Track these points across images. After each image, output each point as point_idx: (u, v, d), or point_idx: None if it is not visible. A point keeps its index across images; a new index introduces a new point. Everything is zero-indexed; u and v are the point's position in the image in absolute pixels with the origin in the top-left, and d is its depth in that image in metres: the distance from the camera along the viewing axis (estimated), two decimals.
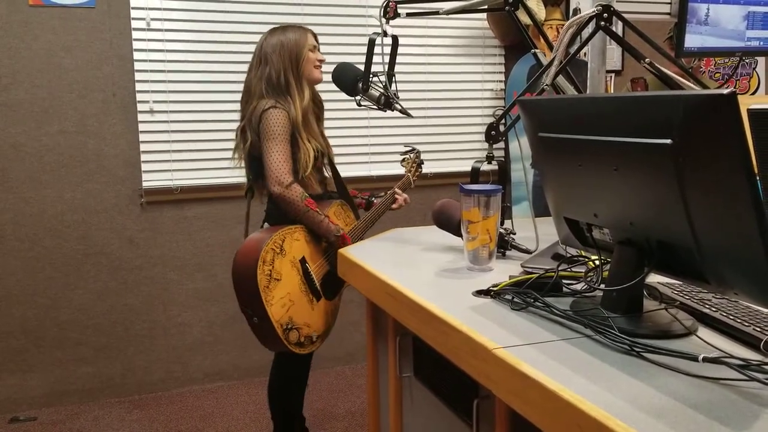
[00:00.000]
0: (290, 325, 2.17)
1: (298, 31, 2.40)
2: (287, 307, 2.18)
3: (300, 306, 2.23)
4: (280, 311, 2.16)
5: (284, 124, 2.28)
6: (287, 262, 2.21)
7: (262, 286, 2.11)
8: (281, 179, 2.23)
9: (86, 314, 3.30)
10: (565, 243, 1.31)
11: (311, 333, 2.26)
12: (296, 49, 2.35)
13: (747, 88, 4.30)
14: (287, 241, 2.23)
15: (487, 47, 3.87)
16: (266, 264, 2.13)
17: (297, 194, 2.24)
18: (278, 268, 2.17)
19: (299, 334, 2.21)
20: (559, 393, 0.86)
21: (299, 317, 2.22)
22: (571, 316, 1.10)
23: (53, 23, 3.11)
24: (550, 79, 1.63)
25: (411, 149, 2.76)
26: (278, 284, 2.16)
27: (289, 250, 2.22)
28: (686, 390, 0.85)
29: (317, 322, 2.30)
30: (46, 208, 3.19)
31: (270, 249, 2.16)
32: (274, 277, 2.15)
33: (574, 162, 1.12)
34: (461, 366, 1.12)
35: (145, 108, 3.28)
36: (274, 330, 2.14)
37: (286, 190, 2.23)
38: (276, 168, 2.24)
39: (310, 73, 2.40)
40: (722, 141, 0.83)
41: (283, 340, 2.16)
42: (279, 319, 2.15)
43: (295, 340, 2.19)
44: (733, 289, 0.93)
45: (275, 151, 2.25)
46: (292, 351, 2.21)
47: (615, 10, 1.59)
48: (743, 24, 1.78)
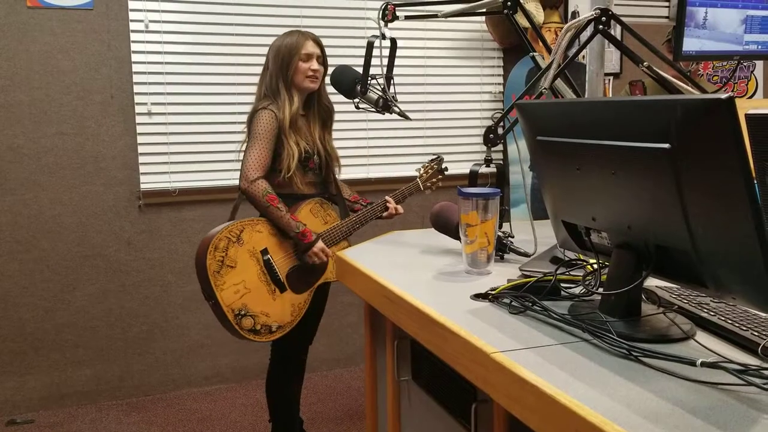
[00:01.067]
0: (243, 311, 2.28)
1: (296, 38, 2.41)
2: (241, 294, 2.29)
3: (257, 295, 2.32)
4: (232, 297, 2.27)
5: (269, 125, 2.35)
6: (244, 251, 2.31)
7: (211, 271, 2.24)
8: (248, 175, 2.33)
9: (84, 316, 3.29)
10: (564, 246, 1.31)
11: (270, 322, 2.34)
12: (287, 57, 2.39)
13: (745, 91, 4.31)
14: (246, 232, 2.33)
15: (486, 50, 3.88)
16: (218, 251, 2.26)
17: (259, 190, 2.32)
18: (232, 256, 2.29)
19: (254, 321, 2.30)
20: (557, 397, 0.86)
21: (255, 305, 2.31)
22: (569, 320, 1.10)
23: (51, 25, 3.11)
24: (549, 82, 1.63)
25: (436, 156, 2.76)
26: (232, 270, 2.28)
27: (248, 240, 2.33)
28: (684, 394, 0.85)
29: (279, 312, 2.36)
30: (43, 210, 3.19)
31: (224, 237, 2.28)
32: (226, 264, 2.27)
33: (573, 166, 1.12)
34: (459, 370, 1.12)
35: (143, 110, 3.27)
36: (224, 313, 2.25)
37: (251, 185, 2.32)
38: (247, 165, 2.34)
39: (300, 82, 2.41)
40: (720, 146, 0.83)
41: (234, 324, 2.27)
42: (230, 304, 2.26)
43: (249, 326, 2.29)
44: (731, 293, 0.93)
45: (252, 149, 2.35)
46: (246, 338, 2.30)
47: (613, 13, 1.60)
48: (741, 28, 1.78)
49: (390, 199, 2.57)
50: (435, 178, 2.72)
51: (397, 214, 2.58)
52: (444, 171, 2.74)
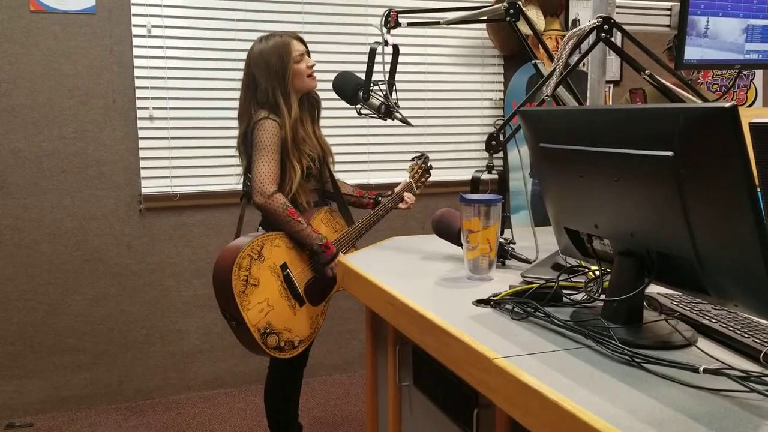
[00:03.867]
0: (269, 329, 2.24)
1: (279, 42, 2.35)
2: (265, 312, 2.24)
3: (280, 311, 2.28)
4: (258, 316, 2.22)
5: (274, 135, 2.31)
6: (266, 268, 2.27)
7: (237, 291, 2.18)
8: (264, 189, 2.27)
9: (84, 320, 3.29)
10: (566, 253, 1.31)
11: (293, 338, 2.31)
12: (280, 65, 2.33)
13: (744, 100, 4.32)
14: (266, 248, 2.28)
15: (487, 57, 3.89)
16: (242, 270, 2.20)
17: (278, 204, 2.28)
18: (255, 274, 2.23)
19: (279, 338, 2.26)
20: (560, 403, 0.86)
21: (279, 322, 2.27)
22: (571, 326, 1.10)
23: (54, 29, 3.12)
24: (551, 89, 1.64)
25: (420, 155, 2.75)
26: (255, 289, 2.22)
27: (269, 256, 2.28)
28: (686, 401, 0.85)
29: (300, 327, 2.34)
30: (44, 213, 3.19)
31: (247, 255, 2.22)
32: (251, 283, 2.22)
33: (575, 173, 1.13)
34: (461, 375, 1.12)
35: (144, 114, 3.28)
36: (251, 334, 2.20)
37: (268, 200, 2.27)
38: (260, 179, 2.28)
39: (302, 84, 2.39)
40: (723, 154, 0.83)
41: (260, 344, 2.22)
42: (256, 323, 2.21)
43: (274, 344, 2.25)
44: (732, 300, 0.94)
45: (262, 162, 2.29)
46: (271, 355, 2.26)
47: (615, 21, 1.61)
48: (742, 37, 1.79)
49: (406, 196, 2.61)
50: (424, 177, 2.73)
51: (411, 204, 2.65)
52: (430, 169, 2.75)
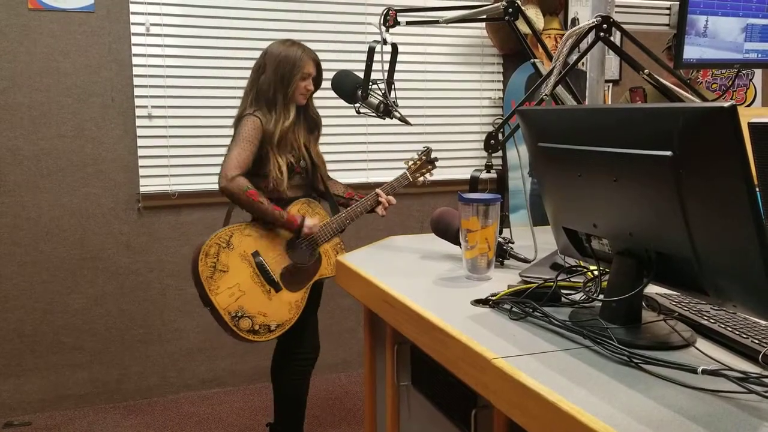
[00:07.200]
0: (240, 313, 2.36)
1: (299, 54, 2.44)
2: (236, 296, 2.36)
3: (253, 296, 2.39)
4: (228, 300, 2.35)
5: (255, 129, 2.39)
6: (235, 255, 2.39)
7: (204, 277, 2.33)
8: (226, 173, 2.35)
9: (82, 319, 3.29)
10: (564, 253, 1.31)
11: (268, 322, 2.41)
12: (289, 73, 2.42)
13: (743, 99, 4.32)
14: (236, 237, 2.41)
15: (486, 56, 3.88)
16: (209, 257, 2.35)
17: (238, 186, 2.35)
18: (224, 261, 2.37)
19: (252, 322, 2.38)
20: (558, 404, 0.86)
21: (252, 307, 2.38)
22: (569, 326, 1.10)
23: (52, 27, 3.11)
24: (550, 88, 1.63)
25: (425, 149, 2.76)
26: (225, 275, 2.36)
27: (238, 245, 2.40)
28: (685, 402, 0.85)
29: (276, 311, 2.43)
30: (43, 212, 3.18)
31: (214, 243, 2.36)
32: (219, 269, 2.35)
33: (574, 172, 1.13)
34: (459, 375, 1.12)
35: (143, 113, 3.28)
36: (222, 317, 2.33)
37: (230, 182, 2.35)
38: (226, 164, 2.36)
39: (296, 98, 2.47)
40: (723, 154, 0.83)
41: (232, 326, 2.35)
42: (226, 307, 2.34)
43: (247, 327, 2.37)
44: (731, 301, 0.93)
45: (233, 150, 2.38)
46: (246, 338, 2.37)
47: (614, 21, 1.60)
48: (741, 36, 1.79)
49: (380, 191, 2.60)
50: (425, 168, 2.73)
51: (390, 205, 2.62)
52: (434, 161, 2.76)
